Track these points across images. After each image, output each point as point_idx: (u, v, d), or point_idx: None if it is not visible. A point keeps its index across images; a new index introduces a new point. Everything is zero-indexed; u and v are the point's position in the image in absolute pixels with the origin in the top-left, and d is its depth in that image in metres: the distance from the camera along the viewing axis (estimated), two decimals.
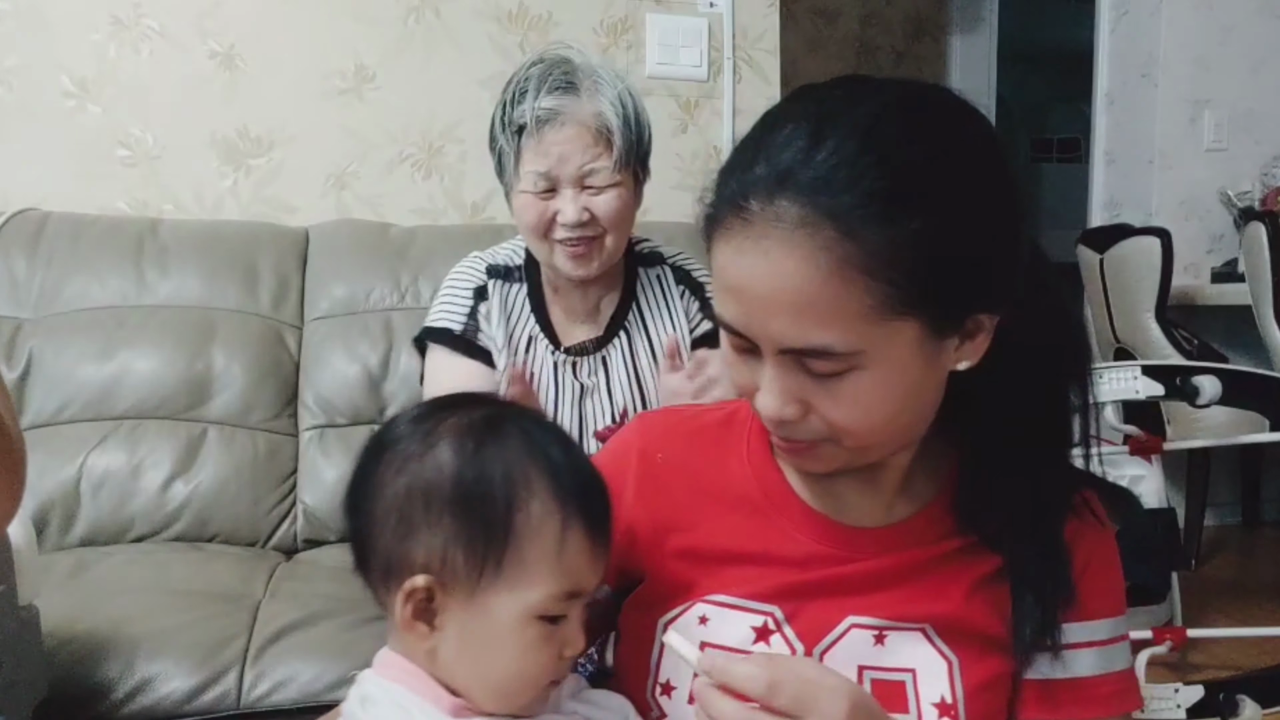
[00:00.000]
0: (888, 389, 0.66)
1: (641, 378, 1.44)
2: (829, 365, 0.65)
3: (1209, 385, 1.95)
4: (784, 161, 0.64)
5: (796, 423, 0.68)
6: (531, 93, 1.34)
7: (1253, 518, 3.61)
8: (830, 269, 0.62)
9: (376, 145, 2.30)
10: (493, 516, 0.67)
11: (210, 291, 1.98)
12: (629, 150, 1.36)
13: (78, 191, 2.14)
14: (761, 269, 0.64)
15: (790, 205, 0.63)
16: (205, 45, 2.21)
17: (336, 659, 1.38)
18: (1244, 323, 3.07)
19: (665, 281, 1.50)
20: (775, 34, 2.53)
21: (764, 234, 0.64)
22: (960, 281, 0.65)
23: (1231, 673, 2.20)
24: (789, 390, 0.67)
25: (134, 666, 1.34)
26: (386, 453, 0.70)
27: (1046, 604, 0.74)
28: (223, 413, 1.89)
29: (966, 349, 0.69)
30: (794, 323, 0.64)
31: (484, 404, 0.73)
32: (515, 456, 0.68)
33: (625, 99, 1.37)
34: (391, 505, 0.68)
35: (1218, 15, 3.51)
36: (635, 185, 1.41)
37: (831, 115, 0.65)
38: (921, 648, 0.74)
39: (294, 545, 1.88)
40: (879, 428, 0.68)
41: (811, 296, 0.62)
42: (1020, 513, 0.75)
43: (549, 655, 0.69)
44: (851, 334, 0.63)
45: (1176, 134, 3.54)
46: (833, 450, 0.70)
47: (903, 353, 0.65)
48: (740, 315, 0.67)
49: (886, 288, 0.62)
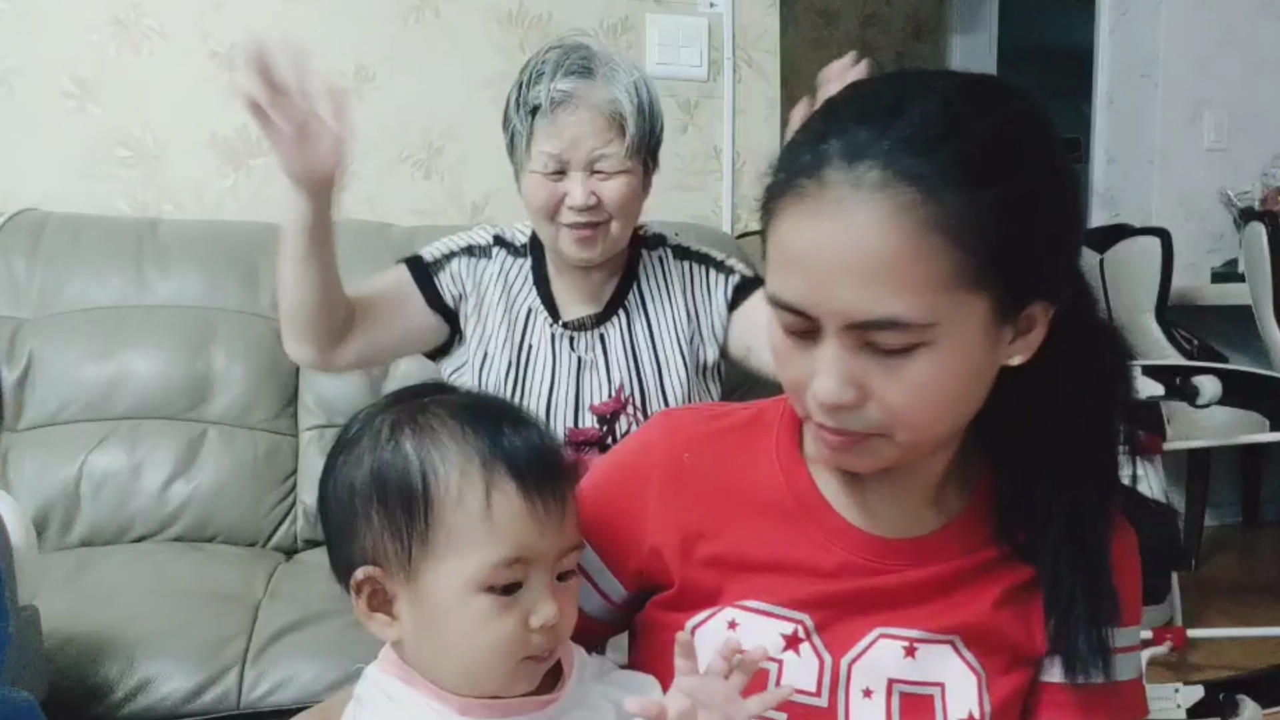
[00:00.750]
0: (951, 373, 0.64)
1: (639, 356, 1.45)
2: (897, 339, 0.62)
3: (1209, 385, 1.94)
4: (863, 131, 0.62)
5: (852, 410, 0.65)
6: (548, 75, 1.35)
7: (1253, 518, 3.61)
8: (911, 231, 0.60)
9: (376, 145, 2.30)
10: (409, 494, 0.66)
11: (210, 291, 1.98)
12: (641, 139, 1.37)
13: (78, 191, 2.14)
14: (836, 233, 0.62)
15: (870, 170, 0.61)
16: (205, 45, 2.21)
17: (336, 659, 1.38)
18: (1244, 323, 3.07)
19: (666, 262, 1.51)
20: (775, 34, 2.53)
21: (841, 198, 0.61)
22: (1030, 260, 0.64)
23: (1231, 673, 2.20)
24: (849, 373, 0.64)
25: (134, 666, 1.34)
26: (335, 457, 0.71)
27: (1096, 616, 0.73)
28: (223, 413, 1.89)
29: (1019, 344, 0.68)
30: (867, 290, 0.61)
31: (426, 394, 0.72)
32: (431, 438, 0.68)
33: (641, 88, 1.37)
34: (335, 508, 0.70)
35: (1218, 15, 3.51)
36: (645, 175, 1.42)
37: (908, 91, 0.64)
38: (951, 661, 0.73)
39: (294, 545, 1.88)
40: (935, 418, 0.66)
41: (889, 261, 0.61)
42: (1061, 524, 0.74)
43: (509, 628, 0.66)
44: (925, 304, 0.61)
45: (1176, 134, 3.54)
46: (883, 446, 0.67)
47: (969, 333, 0.64)
48: (804, 288, 0.64)
49: (964, 256, 0.61)
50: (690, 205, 2.46)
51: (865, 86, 0.70)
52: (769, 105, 2.54)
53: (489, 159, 1.46)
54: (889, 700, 0.72)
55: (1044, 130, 0.67)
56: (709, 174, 2.50)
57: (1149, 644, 2.09)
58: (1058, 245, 0.67)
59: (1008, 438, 0.75)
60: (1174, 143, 3.53)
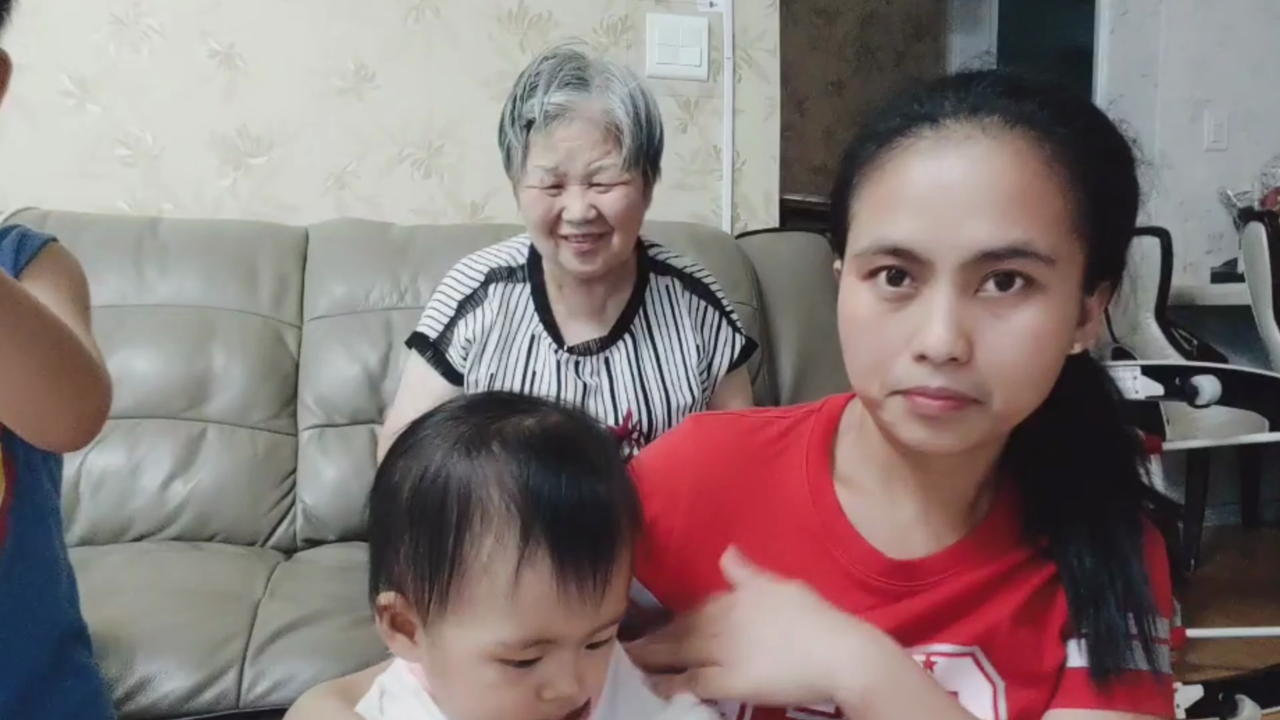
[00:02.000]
0: (1054, 329, 0.65)
1: (646, 383, 1.44)
2: (1022, 268, 0.63)
3: (1209, 385, 1.94)
4: (973, 88, 0.66)
5: (958, 367, 0.64)
6: (542, 88, 1.33)
7: (1252, 518, 3.61)
8: (1038, 166, 0.64)
9: (376, 145, 2.30)
10: (440, 545, 0.61)
11: (210, 291, 1.98)
12: (638, 149, 1.35)
13: (77, 190, 2.14)
14: (965, 168, 0.64)
15: (992, 115, 0.65)
16: (205, 45, 2.21)
17: (336, 658, 1.37)
18: (1244, 323, 3.07)
19: (674, 292, 1.50)
20: (775, 34, 2.53)
21: (966, 136, 0.64)
22: (1117, 226, 0.68)
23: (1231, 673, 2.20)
24: (961, 322, 0.63)
25: (133, 666, 1.34)
26: (396, 457, 0.67)
27: (1131, 604, 0.72)
28: (222, 412, 1.89)
29: (1080, 332, 0.70)
30: (998, 218, 0.63)
31: (504, 411, 0.66)
32: (483, 477, 0.61)
33: (637, 97, 1.35)
34: (379, 512, 0.66)
35: (1218, 15, 3.51)
36: (645, 185, 1.40)
37: (1003, 67, 0.70)
38: (969, 674, 0.73)
39: (293, 544, 1.88)
40: (1034, 380, 0.66)
41: (1021, 191, 0.63)
42: (1085, 523, 0.73)
43: (520, 697, 0.62)
44: (1051, 236, 0.63)
45: (1176, 134, 3.53)
46: (976, 417, 0.66)
47: (1071, 285, 0.66)
48: (924, 226, 0.64)
49: (1080, 194, 0.64)
50: (690, 205, 2.46)
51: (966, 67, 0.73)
52: (769, 105, 2.54)
53: (489, 159, 1.45)
54: None
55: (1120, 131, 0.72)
56: (709, 174, 2.50)
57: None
58: (1130, 223, 0.70)
59: (1031, 443, 0.74)
60: (1174, 143, 3.53)
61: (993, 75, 0.68)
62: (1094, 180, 0.65)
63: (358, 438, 1.92)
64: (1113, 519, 0.74)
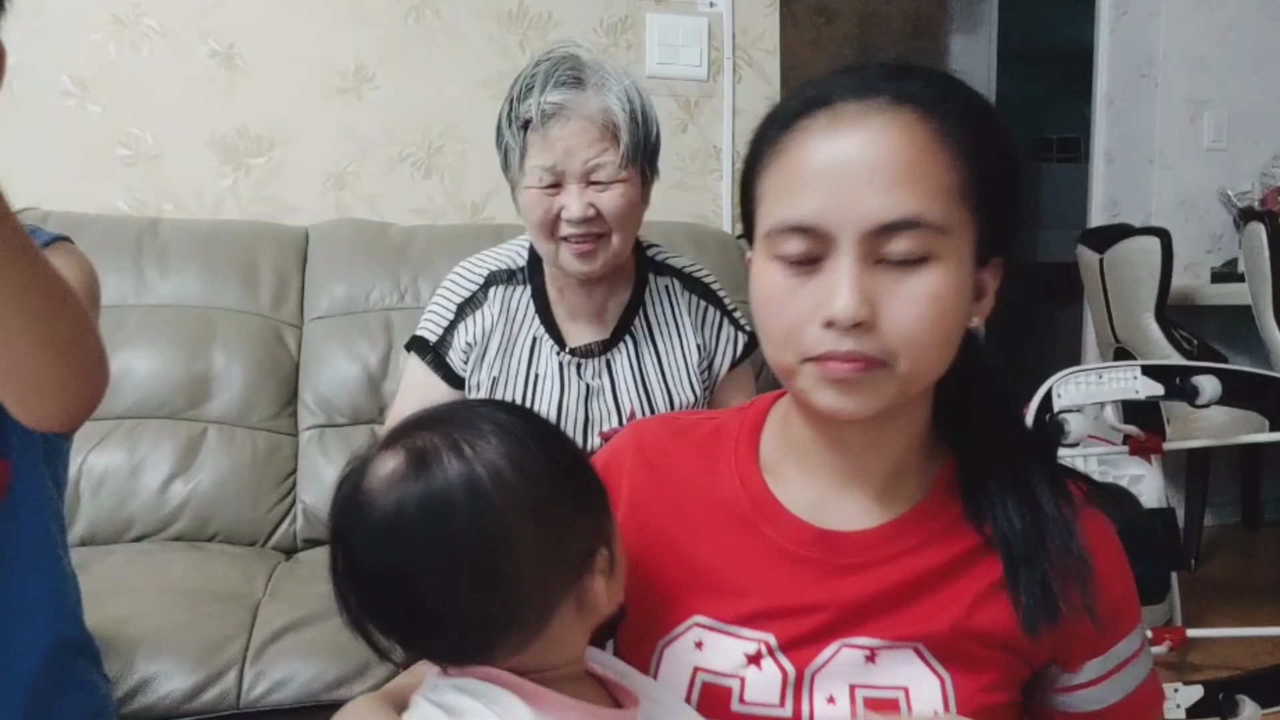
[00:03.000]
0: (952, 293, 0.68)
1: (647, 382, 1.44)
2: (914, 244, 0.67)
3: (1209, 385, 1.94)
4: (863, 74, 0.71)
5: (863, 331, 0.67)
6: (538, 88, 1.33)
7: (1253, 518, 3.60)
8: (925, 141, 0.68)
9: (376, 145, 2.31)
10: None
11: (210, 291, 1.98)
12: (636, 146, 1.35)
13: (77, 191, 2.14)
14: (858, 145, 0.68)
15: (879, 96, 0.69)
16: (205, 45, 2.21)
17: (336, 659, 1.38)
18: (1244, 323, 3.07)
19: (674, 292, 1.50)
20: (775, 34, 2.53)
21: (858, 114, 0.68)
22: (1001, 202, 0.71)
23: (1231, 673, 2.20)
24: (864, 288, 0.67)
25: (133, 666, 1.34)
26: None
27: (1072, 578, 0.74)
28: (222, 412, 1.89)
29: (977, 306, 0.73)
30: (891, 191, 0.66)
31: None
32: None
33: (632, 95, 1.36)
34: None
35: (1218, 15, 3.50)
36: (643, 184, 1.40)
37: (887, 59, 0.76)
38: (914, 666, 0.74)
39: (294, 545, 1.88)
40: (935, 343, 0.69)
41: (909, 165, 0.67)
42: (1015, 500, 0.76)
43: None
44: (941, 207, 0.67)
45: (1176, 134, 3.53)
46: (885, 380, 0.69)
47: (964, 255, 0.69)
48: (824, 202, 0.68)
49: (965, 168, 0.68)
50: (690, 205, 2.46)
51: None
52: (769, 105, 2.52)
53: (489, 159, 1.45)
54: (853, 705, 0.73)
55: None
56: (709, 174, 2.50)
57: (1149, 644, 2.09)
58: (1015, 200, 0.73)
59: (962, 428, 0.78)
60: (1174, 143, 3.53)
61: (879, 62, 0.72)
62: (977, 155, 0.69)
63: (358, 438, 1.92)
64: (1040, 490, 0.76)
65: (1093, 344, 3.52)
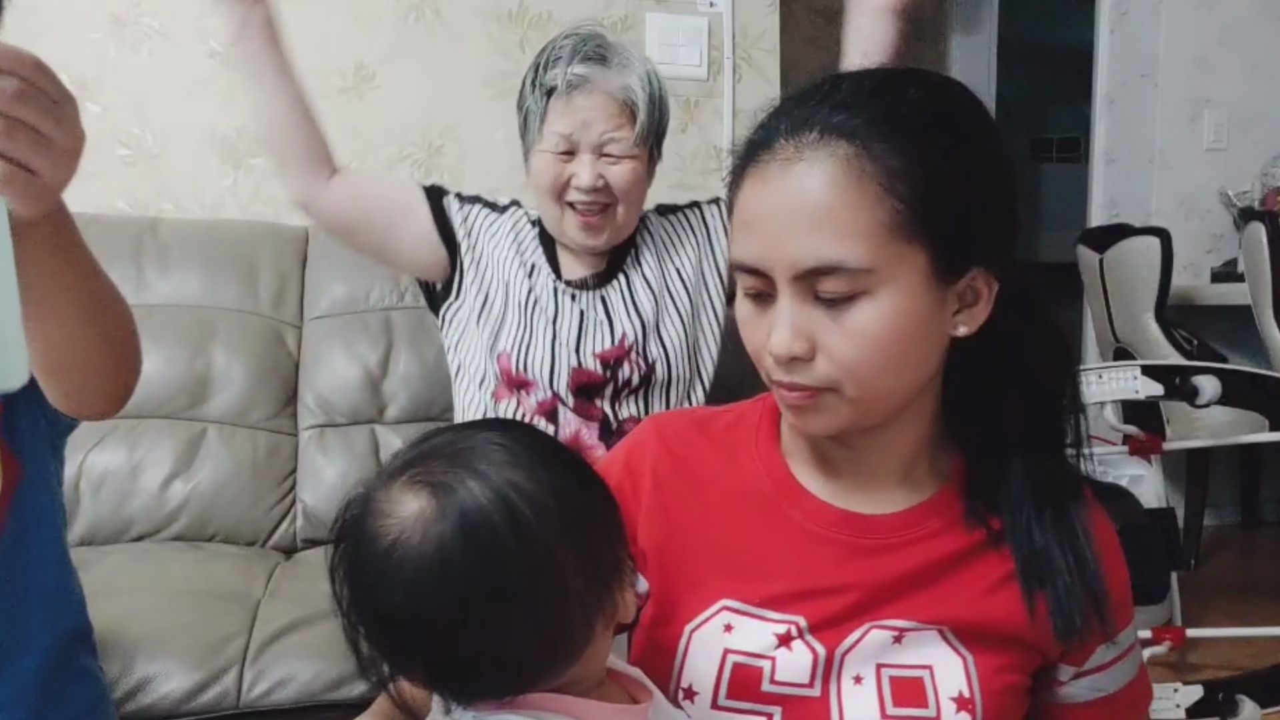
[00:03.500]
0: (892, 325, 0.69)
1: (641, 309, 1.49)
2: (840, 285, 0.68)
3: (1209, 385, 1.95)
4: (805, 106, 0.71)
5: (804, 363, 0.70)
6: (565, 59, 1.39)
7: (1252, 518, 3.61)
8: (847, 182, 0.67)
9: (376, 144, 2.30)
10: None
11: (210, 291, 1.98)
12: (650, 126, 1.42)
13: (77, 190, 2.10)
14: (784, 191, 0.69)
15: (810, 132, 0.69)
16: (205, 45, 2.21)
17: (336, 659, 1.38)
18: (1244, 323, 3.07)
19: (652, 224, 1.56)
20: (775, 34, 2.53)
21: (787, 159, 0.69)
22: (957, 217, 0.69)
23: (1231, 673, 2.20)
24: (799, 325, 0.69)
25: (133, 666, 1.34)
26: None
27: (1085, 587, 0.75)
28: (222, 412, 1.89)
29: (965, 315, 0.73)
30: (811, 238, 0.68)
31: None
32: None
33: (653, 78, 1.43)
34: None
35: (1218, 15, 3.51)
36: (650, 164, 1.47)
37: (845, 75, 0.74)
38: (938, 647, 0.75)
39: (293, 544, 1.88)
40: (880, 371, 0.70)
41: (830, 208, 0.67)
42: (1030, 502, 0.77)
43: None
44: (863, 250, 0.67)
45: (1176, 134, 3.54)
46: (836, 403, 0.71)
47: (909, 286, 0.69)
48: (759, 246, 0.70)
49: (898, 204, 0.67)
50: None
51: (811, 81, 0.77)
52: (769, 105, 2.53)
53: (489, 158, 1.46)
54: (879, 685, 0.74)
55: (976, 111, 0.74)
56: (709, 173, 2.50)
57: (1148, 644, 2.09)
58: (985, 210, 0.71)
59: (976, 423, 0.79)
60: (1174, 143, 3.53)
61: (824, 90, 0.72)
62: (927, 178, 0.68)
63: (358, 438, 1.93)
64: (1056, 490, 0.77)
65: (1093, 344, 3.52)
